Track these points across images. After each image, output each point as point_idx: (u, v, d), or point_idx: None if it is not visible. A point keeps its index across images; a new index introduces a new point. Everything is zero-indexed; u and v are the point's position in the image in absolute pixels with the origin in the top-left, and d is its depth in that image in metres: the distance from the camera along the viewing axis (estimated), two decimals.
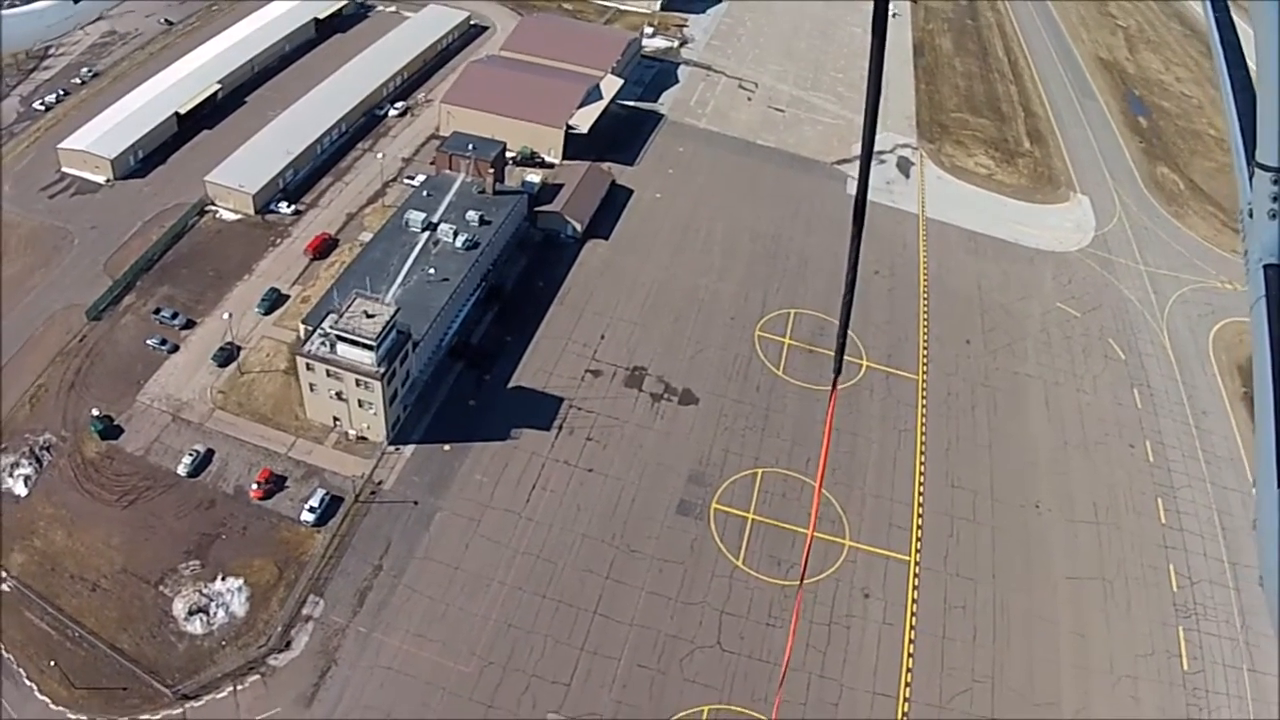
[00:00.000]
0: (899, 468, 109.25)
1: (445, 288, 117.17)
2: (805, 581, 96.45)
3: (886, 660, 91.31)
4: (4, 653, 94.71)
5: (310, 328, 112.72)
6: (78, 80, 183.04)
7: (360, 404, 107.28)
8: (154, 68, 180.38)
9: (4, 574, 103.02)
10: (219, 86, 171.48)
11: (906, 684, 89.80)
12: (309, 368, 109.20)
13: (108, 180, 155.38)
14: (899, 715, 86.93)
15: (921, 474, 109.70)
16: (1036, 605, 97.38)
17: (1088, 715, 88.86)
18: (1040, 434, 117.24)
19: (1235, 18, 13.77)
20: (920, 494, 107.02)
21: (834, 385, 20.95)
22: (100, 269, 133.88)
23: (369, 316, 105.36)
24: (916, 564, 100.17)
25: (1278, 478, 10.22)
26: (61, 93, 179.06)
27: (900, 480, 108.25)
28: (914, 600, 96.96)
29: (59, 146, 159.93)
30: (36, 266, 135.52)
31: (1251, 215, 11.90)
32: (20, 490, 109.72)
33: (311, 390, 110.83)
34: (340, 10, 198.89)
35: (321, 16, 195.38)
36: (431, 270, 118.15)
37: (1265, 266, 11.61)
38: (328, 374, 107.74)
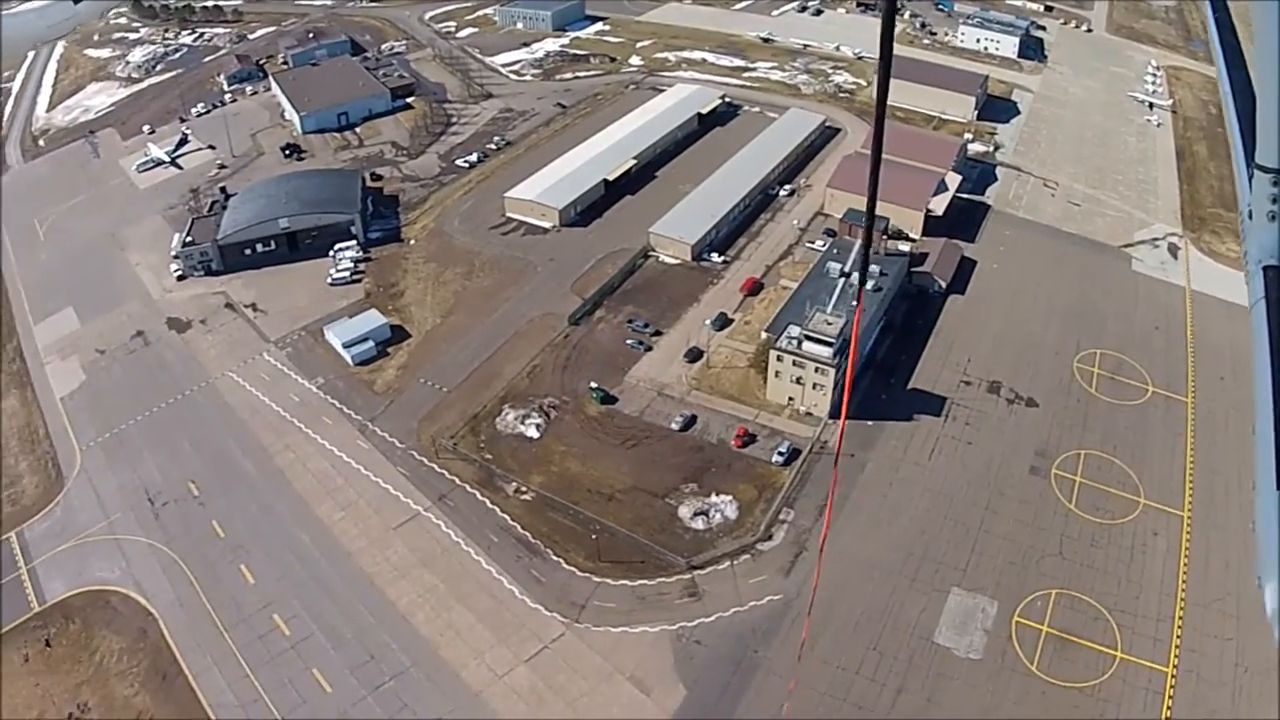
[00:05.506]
0: (1175, 457, 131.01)
1: (863, 316, 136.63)
2: (1105, 522, 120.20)
3: (1169, 574, 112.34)
4: (532, 538, 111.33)
5: (772, 334, 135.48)
6: (493, 146, 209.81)
7: (814, 387, 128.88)
8: (560, 143, 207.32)
9: (525, 486, 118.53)
10: (635, 161, 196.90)
11: (1182, 587, 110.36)
12: (779, 359, 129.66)
13: (554, 226, 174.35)
14: (1177, 603, 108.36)
15: (1191, 461, 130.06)
16: None
17: None
18: None
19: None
20: (1190, 473, 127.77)
21: (859, 291, 25.52)
22: (567, 289, 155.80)
23: (828, 324, 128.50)
24: (1188, 517, 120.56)
25: (1277, 478, 9.89)
26: (481, 154, 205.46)
27: (1175, 464, 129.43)
28: (1187, 538, 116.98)
29: (506, 195, 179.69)
30: (507, 284, 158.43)
31: (1251, 217, 11.59)
32: (532, 434, 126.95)
33: (775, 376, 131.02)
34: (715, 108, 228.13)
35: (704, 112, 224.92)
36: (854, 303, 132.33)
37: (1265, 268, 11.35)
38: (793, 363, 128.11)
